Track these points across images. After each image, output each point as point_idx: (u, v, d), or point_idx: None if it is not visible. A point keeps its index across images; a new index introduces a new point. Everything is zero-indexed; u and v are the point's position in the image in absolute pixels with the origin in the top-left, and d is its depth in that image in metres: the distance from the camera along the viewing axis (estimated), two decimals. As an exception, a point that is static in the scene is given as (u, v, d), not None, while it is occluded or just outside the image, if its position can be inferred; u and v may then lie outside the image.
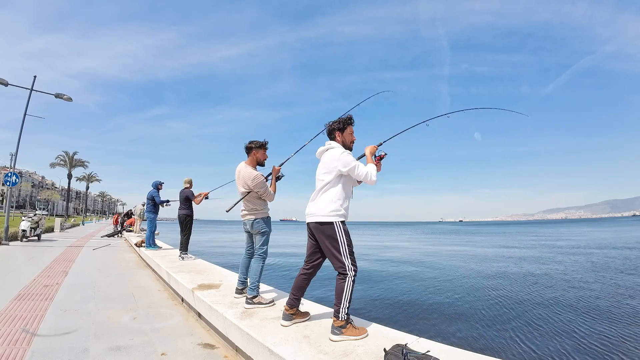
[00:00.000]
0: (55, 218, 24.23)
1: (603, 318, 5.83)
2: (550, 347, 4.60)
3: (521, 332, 5.17)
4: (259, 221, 3.21)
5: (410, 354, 1.82)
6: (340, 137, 2.57)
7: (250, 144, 3.31)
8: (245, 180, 3.19)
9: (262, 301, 3.01)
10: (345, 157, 2.40)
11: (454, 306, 6.71)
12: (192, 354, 2.56)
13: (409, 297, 7.43)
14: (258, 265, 3.15)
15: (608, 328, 5.30)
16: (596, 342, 4.73)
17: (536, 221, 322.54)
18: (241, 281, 3.35)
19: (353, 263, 2.31)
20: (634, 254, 15.23)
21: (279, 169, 3.38)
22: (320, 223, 2.37)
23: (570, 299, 7.19)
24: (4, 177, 11.89)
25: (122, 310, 3.59)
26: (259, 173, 3.21)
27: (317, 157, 2.64)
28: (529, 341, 4.81)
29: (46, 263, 6.74)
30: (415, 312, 6.31)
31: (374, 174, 2.45)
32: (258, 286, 3.09)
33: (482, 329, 5.33)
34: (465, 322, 5.68)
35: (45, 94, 11.86)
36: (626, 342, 4.70)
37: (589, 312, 6.19)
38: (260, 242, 3.21)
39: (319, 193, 2.45)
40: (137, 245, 8.60)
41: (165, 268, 5.05)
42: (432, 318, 5.94)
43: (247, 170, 3.21)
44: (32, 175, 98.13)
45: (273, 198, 3.29)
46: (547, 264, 12.86)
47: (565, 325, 5.47)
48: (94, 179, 55.58)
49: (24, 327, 2.95)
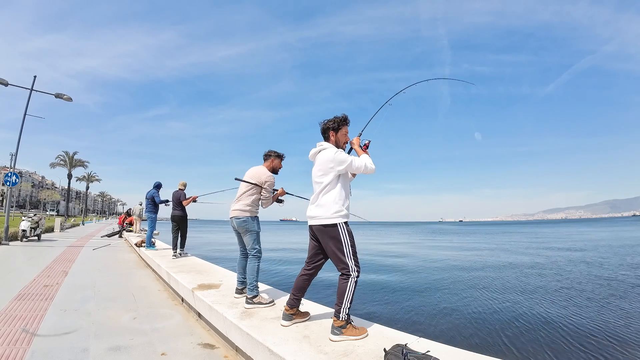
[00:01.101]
0: (56, 218, 24.23)
1: (603, 318, 5.83)
2: (550, 346, 4.60)
3: (521, 332, 5.17)
4: (246, 219, 3.24)
5: (410, 354, 1.82)
6: (334, 137, 2.57)
7: (270, 152, 3.51)
8: (259, 175, 3.31)
9: (262, 301, 3.04)
10: (340, 155, 2.41)
11: (454, 306, 6.71)
12: (192, 354, 2.56)
13: (409, 297, 7.43)
14: (254, 265, 3.18)
15: (608, 328, 5.31)
16: (597, 342, 4.73)
17: (536, 221, 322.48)
18: (240, 281, 3.38)
19: (356, 264, 2.31)
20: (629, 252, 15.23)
21: (284, 193, 3.55)
22: (324, 225, 2.36)
23: (570, 299, 7.19)
24: (4, 177, 11.89)
25: (122, 310, 3.59)
26: (271, 175, 3.37)
27: (310, 159, 2.64)
28: (529, 341, 4.81)
29: (46, 263, 6.74)
30: (415, 312, 6.31)
31: (370, 161, 2.50)
32: (257, 286, 3.12)
33: (482, 329, 5.33)
34: (465, 322, 5.68)
35: (45, 94, 11.87)
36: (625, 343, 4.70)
37: (589, 312, 6.19)
38: (251, 242, 3.24)
39: (319, 195, 2.44)
40: (137, 245, 8.61)
41: (165, 268, 5.05)
42: (432, 318, 5.94)
43: (263, 169, 3.40)
44: (32, 175, 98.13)
45: (267, 206, 3.40)
46: (547, 264, 12.86)
47: (565, 325, 5.47)
48: (94, 179, 55.56)
49: (24, 327, 2.95)
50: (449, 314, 6.16)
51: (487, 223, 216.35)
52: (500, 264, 12.90)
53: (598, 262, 12.95)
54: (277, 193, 3.48)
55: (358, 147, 2.66)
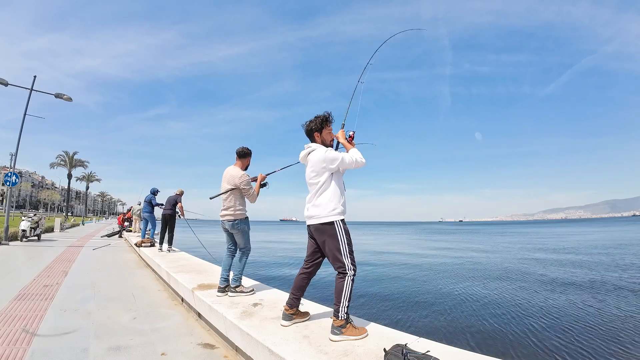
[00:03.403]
0: (55, 218, 24.23)
1: (603, 319, 5.83)
2: (550, 346, 4.60)
3: (521, 332, 5.17)
4: (238, 222, 3.48)
5: (410, 354, 1.82)
6: (319, 138, 2.57)
7: (244, 149, 3.65)
8: (233, 178, 3.48)
9: (243, 290, 3.43)
10: (330, 153, 2.42)
11: (454, 306, 6.71)
12: (192, 354, 2.56)
13: (409, 297, 7.42)
14: (243, 259, 3.56)
15: (606, 328, 5.31)
16: (597, 342, 4.73)
17: (536, 221, 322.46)
18: (224, 279, 3.51)
19: (352, 262, 2.32)
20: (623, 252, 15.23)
21: (265, 177, 3.66)
22: (321, 224, 2.38)
23: (570, 299, 7.19)
24: (4, 177, 11.89)
25: (122, 310, 3.59)
26: (245, 173, 3.56)
27: (302, 162, 2.64)
28: (529, 341, 4.81)
29: (46, 263, 6.74)
30: (415, 312, 6.31)
31: (360, 155, 2.52)
32: (241, 277, 3.53)
33: (482, 329, 5.33)
34: (465, 322, 5.68)
35: (46, 94, 11.87)
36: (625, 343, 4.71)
37: (589, 312, 6.19)
38: (243, 241, 3.55)
39: (315, 195, 2.46)
40: (137, 245, 8.61)
41: (165, 268, 5.05)
42: (432, 318, 5.94)
43: (235, 170, 3.55)
44: (32, 175, 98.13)
45: (255, 199, 3.59)
46: (546, 265, 12.86)
47: (565, 326, 5.47)
48: (94, 179, 55.55)
49: (24, 327, 2.95)
50: (449, 314, 6.16)
51: (487, 223, 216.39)
52: (500, 264, 12.91)
53: (598, 263, 12.95)
54: (257, 182, 3.62)
55: (344, 141, 2.67)
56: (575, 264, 12.45)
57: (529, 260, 13.86)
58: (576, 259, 13.91)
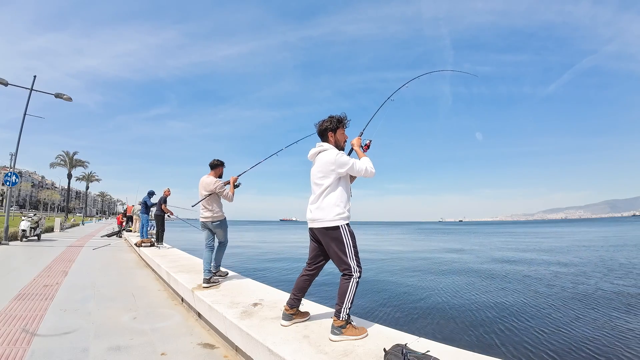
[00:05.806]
0: (55, 218, 24.22)
1: (604, 319, 5.84)
2: (550, 346, 4.60)
3: (521, 332, 5.17)
4: (220, 222, 4.11)
5: (410, 354, 1.82)
6: (332, 138, 2.53)
7: (216, 161, 4.22)
8: (208, 185, 4.05)
9: (221, 274, 4.21)
10: (341, 158, 2.38)
11: (454, 306, 6.71)
12: (192, 354, 2.56)
13: (409, 297, 7.42)
14: (222, 251, 4.26)
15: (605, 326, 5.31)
16: (597, 342, 4.73)
17: (536, 221, 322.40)
18: (208, 270, 3.92)
19: (358, 264, 2.30)
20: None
21: (237, 179, 4.19)
22: (326, 228, 2.35)
23: (570, 299, 7.19)
24: (4, 177, 11.89)
25: (122, 310, 3.59)
26: (218, 179, 4.13)
27: (310, 160, 2.61)
28: (528, 341, 4.81)
29: (46, 263, 6.74)
30: (415, 312, 6.31)
31: (371, 165, 2.47)
32: (220, 265, 4.26)
33: (482, 329, 5.33)
34: (465, 322, 5.68)
35: (46, 94, 11.86)
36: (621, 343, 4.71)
37: (589, 312, 6.19)
38: (223, 235, 4.18)
39: (319, 197, 2.41)
40: (137, 245, 8.61)
41: (165, 268, 5.05)
42: (432, 318, 5.94)
43: (209, 178, 4.13)
44: (32, 175, 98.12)
45: (232, 199, 4.11)
46: (547, 265, 12.86)
47: (565, 325, 5.47)
48: (93, 179, 55.52)
49: (24, 327, 2.95)
50: (449, 314, 6.16)
51: (487, 223, 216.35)
52: (500, 265, 12.91)
53: (600, 264, 12.94)
54: (231, 184, 4.13)
55: (358, 149, 2.63)
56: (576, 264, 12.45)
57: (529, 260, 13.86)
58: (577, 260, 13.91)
